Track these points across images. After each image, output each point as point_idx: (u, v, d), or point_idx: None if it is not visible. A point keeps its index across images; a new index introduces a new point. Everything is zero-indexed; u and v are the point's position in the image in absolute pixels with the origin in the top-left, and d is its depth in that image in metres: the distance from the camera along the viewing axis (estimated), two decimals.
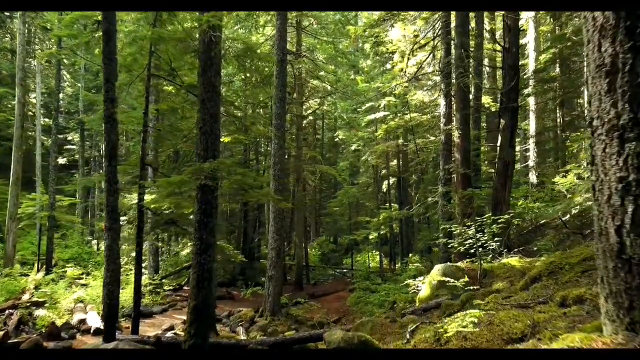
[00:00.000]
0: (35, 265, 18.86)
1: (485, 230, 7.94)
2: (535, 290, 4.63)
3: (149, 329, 11.44)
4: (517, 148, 22.89)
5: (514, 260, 8.00)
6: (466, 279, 6.13)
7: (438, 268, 8.20)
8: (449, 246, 9.19)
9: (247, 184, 6.34)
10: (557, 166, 21.43)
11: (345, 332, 5.37)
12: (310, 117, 28.02)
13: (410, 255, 24.77)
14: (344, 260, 29.77)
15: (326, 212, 29.52)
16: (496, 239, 8.32)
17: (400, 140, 21.95)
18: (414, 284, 9.35)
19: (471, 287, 7.50)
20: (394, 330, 6.23)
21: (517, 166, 25.00)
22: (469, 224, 7.95)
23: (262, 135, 17.44)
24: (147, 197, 9.84)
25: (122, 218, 16.71)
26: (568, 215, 16.47)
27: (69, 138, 34.23)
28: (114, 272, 7.56)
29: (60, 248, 23.83)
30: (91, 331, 10.44)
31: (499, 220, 7.89)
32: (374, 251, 28.03)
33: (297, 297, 17.68)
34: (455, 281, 4.41)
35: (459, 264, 8.33)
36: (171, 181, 6.29)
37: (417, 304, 8.40)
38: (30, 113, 30.93)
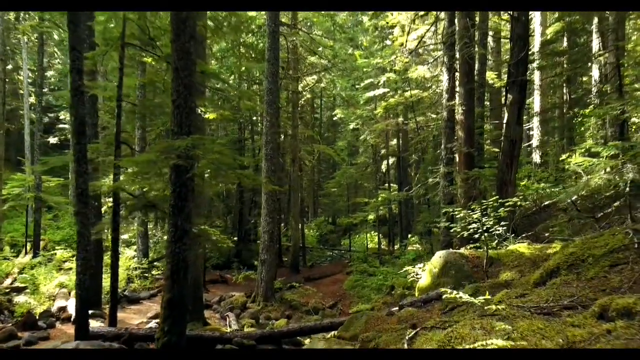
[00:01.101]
0: (24, 248, 18.30)
1: (491, 214, 7.26)
2: (555, 288, 3.96)
3: (134, 317, 10.90)
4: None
5: (522, 247, 7.34)
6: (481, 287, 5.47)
7: (440, 255, 7.56)
8: (451, 230, 8.52)
9: (225, 163, 5.63)
10: (562, 145, 20.68)
11: (328, 341, 4.73)
12: (308, 95, 27.11)
13: (409, 236, 24.24)
14: (342, 241, 29.28)
15: (324, 192, 28.86)
16: (502, 223, 7.65)
17: (400, 119, 21.12)
18: (413, 271, 8.73)
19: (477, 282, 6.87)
20: (391, 327, 5.60)
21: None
22: (474, 207, 7.27)
23: (250, 110, 16.58)
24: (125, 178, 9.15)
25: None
26: (575, 196, 15.80)
27: (60, 117, 33.37)
28: (85, 260, 6.90)
29: (52, 230, 23.27)
30: (72, 319, 9.88)
31: (507, 204, 7.20)
32: (372, 232, 27.44)
33: (292, 281, 17.16)
34: (472, 298, 3.71)
35: (462, 250, 7.69)
36: (138, 160, 5.56)
37: (416, 293, 7.79)
38: (21, 92, 30.02)
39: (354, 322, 6.43)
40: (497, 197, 7.45)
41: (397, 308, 6.72)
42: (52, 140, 31.32)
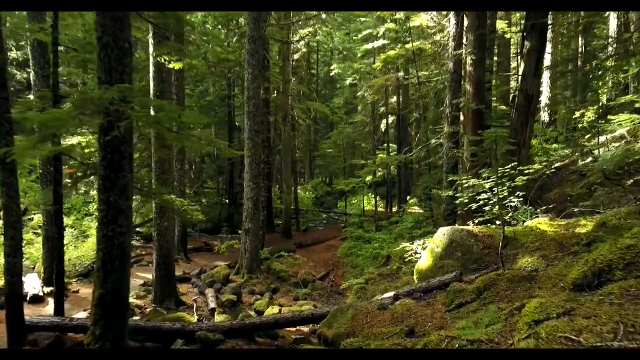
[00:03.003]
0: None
1: (506, 183, 5.96)
2: (616, 304, 2.74)
3: None
4: None
5: (543, 223, 6.11)
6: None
7: (443, 232, 6.35)
8: (457, 201, 7.27)
9: (166, 122, 4.27)
10: (576, 102, 19.18)
11: None
12: (304, 49, 25.22)
13: (408, 198, 23.13)
14: (338, 204, 28.22)
15: (319, 153, 27.47)
16: (518, 193, 6.40)
17: (401, 73, 19.45)
18: (411, 249, 7.55)
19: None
20: (383, 331, 4.45)
21: None
22: (486, 174, 5.99)
23: (219, 58, 14.92)
24: (80, 139, 7.83)
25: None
26: (589, 158, 14.50)
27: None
28: (14, 240, 5.70)
29: (34, 192, 22.05)
30: (27, 298, 8.82)
31: (527, 171, 5.90)
32: (369, 194, 26.31)
33: (284, 247, 16.15)
34: None
35: (470, 226, 6.46)
36: (45, 118, 4.23)
37: (414, 277, 6.65)
38: None
39: (338, 317, 5.29)
40: (515, 162, 6.14)
41: (391, 297, 5.57)
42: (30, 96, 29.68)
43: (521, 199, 6.84)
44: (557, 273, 4.26)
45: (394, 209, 22.31)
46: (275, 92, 22.52)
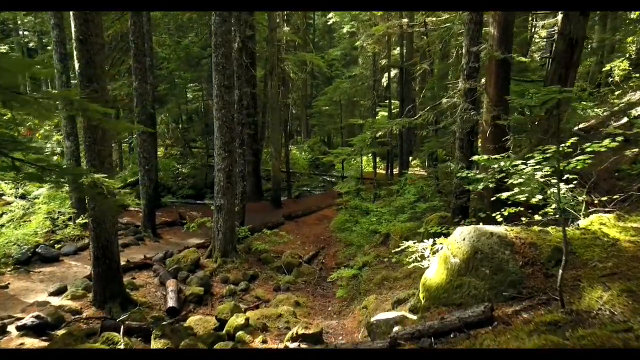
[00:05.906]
0: None
1: (555, 165, 3.98)
2: None
3: (37, 287, 8.09)
4: (544, 33, 17.99)
5: (608, 225, 4.20)
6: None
7: (463, 236, 4.44)
8: (480, 185, 5.29)
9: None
10: (601, 53, 16.86)
11: None
12: None
13: (410, 159, 21.22)
14: (336, 165, 26.28)
15: (313, 111, 25.20)
16: (566, 176, 4.47)
17: (405, 20, 16.97)
18: (415, 249, 5.68)
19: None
20: None
21: (536, 56, 20.02)
22: (531, 153, 4.04)
23: None
24: None
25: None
26: (625, 119, 12.40)
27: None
28: None
29: None
30: None
31: (589, 149, 3.90)
32: (369, 154, 24.30)
33: (272, 218, 14.46)
34: None
35: (502, 228, 4.53)
36: None
37: (421, 294, 4.80)
38: None
39: None
40: (576, 138, 4.15)
41: (387, 342, 3.77)
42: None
43: (572, 186, 4.92)
44: None
45: (395, 171, 20.48)
46: (266, 43, 20.12)
